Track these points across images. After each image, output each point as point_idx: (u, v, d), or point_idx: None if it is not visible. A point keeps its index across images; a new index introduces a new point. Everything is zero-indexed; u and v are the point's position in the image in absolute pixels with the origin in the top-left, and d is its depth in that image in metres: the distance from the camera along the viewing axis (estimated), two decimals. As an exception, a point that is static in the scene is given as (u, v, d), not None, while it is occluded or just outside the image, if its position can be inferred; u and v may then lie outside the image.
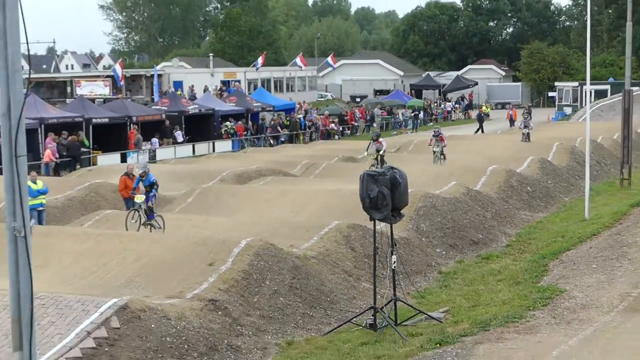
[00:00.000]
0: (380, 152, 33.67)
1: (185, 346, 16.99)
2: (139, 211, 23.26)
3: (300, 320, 19.38)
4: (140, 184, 23.66)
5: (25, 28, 7.30)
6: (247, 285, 19.49)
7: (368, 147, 34.95)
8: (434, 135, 40.73)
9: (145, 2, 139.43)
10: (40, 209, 27.65)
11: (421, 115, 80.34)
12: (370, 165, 32.47)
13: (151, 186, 23.39)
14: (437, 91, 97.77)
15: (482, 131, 62.90)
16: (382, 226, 18.63)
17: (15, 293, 7.37)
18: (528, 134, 49.20)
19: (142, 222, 23.35)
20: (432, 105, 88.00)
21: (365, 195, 18.42)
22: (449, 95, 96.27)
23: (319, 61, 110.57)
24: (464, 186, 30.58)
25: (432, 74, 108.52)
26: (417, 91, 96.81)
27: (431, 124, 78.51)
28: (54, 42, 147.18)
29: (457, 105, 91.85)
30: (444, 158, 38.85)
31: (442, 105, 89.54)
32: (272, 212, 28.10)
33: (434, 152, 39.73)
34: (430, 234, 25.80)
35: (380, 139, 34.85)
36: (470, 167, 35.47)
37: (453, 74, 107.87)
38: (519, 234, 28.45)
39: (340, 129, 69.49)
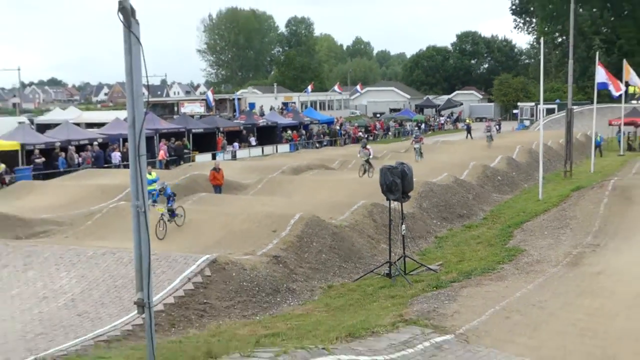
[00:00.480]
0: (369, 157, 31.84)
1: (256, 288, 17.25)
2: (163, 220, 21.99)
3: (337, 270, 19.59)
4: (159, 199, 22.48)
5: (145, 66, 7.52)
6: (299, 245, 19.73)
7: (359, 152, 33.07)
8: (414, 138, 41.47)
9: (229, 47, 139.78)
10: (156, 191, 28.00)
11: (422, 126, 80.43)
12: (360, 165, 31.88)
13: (169, 197, 22.60)
14: (434, 109, 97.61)
15: (471, 137, 62.51)
16: (395, 204, 18.76)
17: (138, 251, 7.61)
18: (490, 136, 49.10)
19: (167, 226, 22.09)
20: (430, 119, 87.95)
21: (383, 182, 18.62)
22: (443, 112, 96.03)
23: (350, 88, 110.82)
24: (453, 176, 30.65)
25: (430, 97, 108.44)
26: (419, 109, 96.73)
27: (430, 132, 78.33)
28: (165, 76, 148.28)
29: (447, 119, 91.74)
30: (421, 155, 38.26)
31: (437, 119, 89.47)
32: (318, 194, 28.28)
33: (415, 148, 39.61)
34: (429, 210, 25.91)
35: (368, 147, 32.82)
36: (457, 163, 35.47)
37: (445, 97, 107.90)
38: (492, 210, 28.49)
39: (365, 136, 69.45)
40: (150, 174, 28.29)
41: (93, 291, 16.95)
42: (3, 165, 41.10)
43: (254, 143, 58.66)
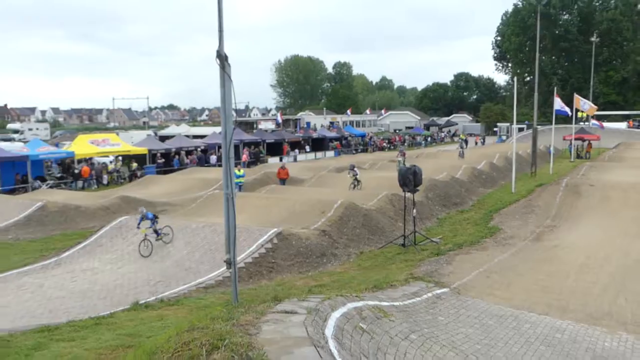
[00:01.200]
0: (357, 176, 29.08)
1: (309, 252, 17.30)
2: (147, 239, 17.92)
3: (366, 241, 19.52)
4: (143, 222, 18.30)
5: (234, 95, 7.58)
6: (340, 223, 19.71)
7: (349, 172, 29.64)
8: (399, 151, 39.02)
9: (292, 83, 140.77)
10: (240, 184, 28.28)
11: (429, 139, 79.82)
12: (350, 184, 28.84)
13: (152, 219, 18.34)
14: (437, 127, 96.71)
15: (466, 147, 61.81)
16: (408, 194, 18.65)
17: (227, 224, 7.66)
18: (462, 152, 46.10)
19: (152, 245, 17.94)
20: (434, 134, 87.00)
21: (400, 178, 18.53)
22: (443, 129, 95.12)
23: (377, 112, 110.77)
24: (450, 175, 30.32)
25: (434, 118, 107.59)
26: (427, 127, 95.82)
27: (434, 144, 77.56)
28: (247, 102, 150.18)
29: (447, 135, 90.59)
30: (358, 183, 34.92)
31: (439, 135, 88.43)
32: (353, 192, 28.23)
33: (398, 160, 35.80)
34: (433, 199, 25.67)
35: (355, 169, 29.66)
36: (453, 166, 35.02)
37: (445, 118, 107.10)
38: (478, 200, 28.11)
39: (388, 146, 69.08)
40: (238, 170, 28.74)
41: (195, 253, 17.21)
42: (136, 164, 41.89)
43: (309, 150, 58.80)
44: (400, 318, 9.05)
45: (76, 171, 37.91)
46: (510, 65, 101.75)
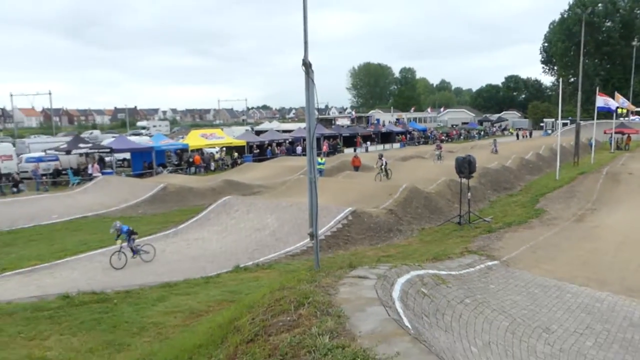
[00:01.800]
0: (383, 166, 26.59)
1: (378, 228, 17.21)
2: (122, 252, 14.57)
3: (427, 219, 19.20)
4: (121, 236, 14.70)
5: (316, 97, 7.61)
6: (405, 203, 19.47)
7: (377, 163, 26.97)
8: (436, 145, 35.52)
9: (364, 85, 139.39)
10: (321, 170, 28.40)
11: (482, 133, 77.04)
12: (376, 174, 26.64)
13: (129, 234, 14.89)
14: (489, 123, 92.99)
15: (518, 138, 59.29)
16: (464, 180, 18.16)
17: (310, 204, 7.73)
18: (495, 149, 40.72)
19: (126, 258, 14.58)
20: (487, 129, 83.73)
21: (456, 166, 18.08)
22: (494, 125, 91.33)
23: (437, 110, 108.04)
24: (501, 164, 29.24)
25: (487, 115, 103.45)
26: (480, 122, 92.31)
27: (487, 137, 74.70)
28: (327, 102, 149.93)
29: (498, 129, 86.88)
30: (440, 159, 31.89)
31: (491, 129, 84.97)
32: (416, 173, 27.69)
33: (436, 154, 33.61)
34: (485, 184, 24.86)
35: (383, 158, 27.20)
36: (503, 156, 33.73)
37: (496, 115, 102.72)
38: (526, 185, 26.93)
39: (446, 139, 67.38)
40: (320, 159, 28.92)
41: (284, 226, 17.48)
42: (236, 154, 42.97)
43: (378, 142, 58.27)
44: (456, 285, 8.86)
45: (190, 159, 39.36)
46: (556, 68, 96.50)
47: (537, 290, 10.08)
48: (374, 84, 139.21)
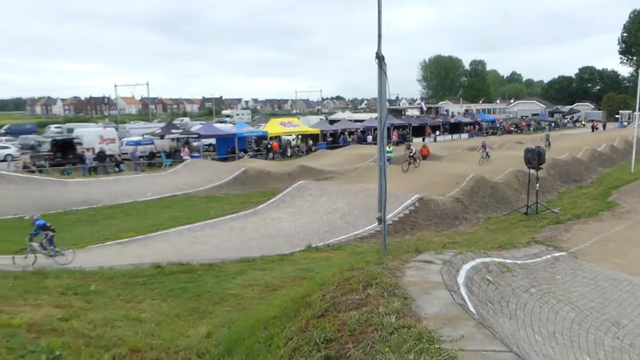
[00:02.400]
0: (411, 154, 24.51)
1: (444, 215, 16.81)
2: (32, 250, 11.65)
3: (494, 208, 18.50)
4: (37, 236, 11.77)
5: (388, 88, 7.48)
6: (471, 192, 18.85)
7: (405, 150, 24.84)
8: (481, 145, 31.37)
9: (434, 77, 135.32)
10: (390, 158, 27.94)
11: (552, 125, 72.77)
12: (404, 161, 24.54)
13: (44, 228, 11.91)
14: (561, 114, 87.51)
15: (593, 130, 55.54)
16: (532, 171, 17.28)
17: (379, 189, 7.64)
18: (549, 143, 35.45)
19: (36, 259, 11.60)
20: (558, 121, 78.93)
21: (525, 157, 17.23)
22: (566, 116, 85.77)
23: (507, 101, 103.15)
24: (572, 155, 27.52)
25: (559, 107, 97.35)
26: (551, 114, 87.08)
27: (557, 128, 70.42)
28: (398, 94, 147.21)
29: (569, 121, 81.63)
30: (488, 157, 28.23)
31: (562, 121, 79.98)
32: (485, 164, 26.70)
33: (482, 156, 28.52)
34: (554, 176, 23.54)
35: (411, 147, 25.21)
36: (574, 147, 31.65)
37: (568, 107, 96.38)
38: (597, 178, 25.25)
39: (515, 129, 64.33)
40: (388, 147, 28.53)
41: (354, 210, 17.46)
42: (311, 141, 43.35)
43: (447, 132, 56.60)
44: (522, 274, 8.48)
45: (268, 146, 40.18)
46: (635, 58, 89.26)
47: (607, 283, 9.44)
48: (444, 76, 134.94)
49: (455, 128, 58.50)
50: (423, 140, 48.96)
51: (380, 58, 7.37)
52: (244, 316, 6.70)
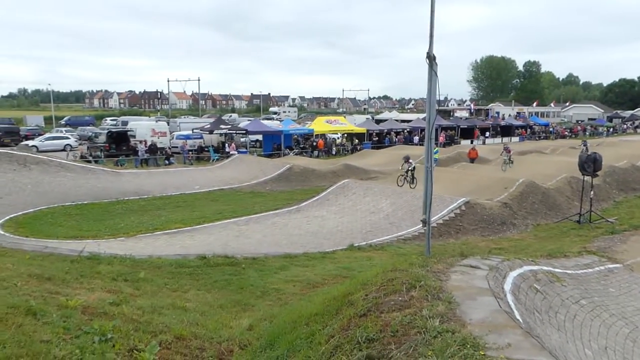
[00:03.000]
0: (410, 169, 20.95)
1: (491, 220, 16.40)
2: None
3: (543, 215, 17.88)
4: None
5: (438, 89, 7.37)
6: (521, 198, 18.29)
7: (402, 166, 21.18)
8: (504, 149, 29.53)
9: (486, 78, 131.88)
10: (436, 160, 27.52)
11: (611, 130, 69.43)
12: (399, 175, 21.17)
13: None
14: (620, 120, 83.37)
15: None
16: (587, 178, 16.58)
17: (425, 192, 7.54)
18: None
19: None
20: (617, 126, 75.25)
21: (580, 163, 16.53)
22: (626, 122, 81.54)
23: (562, 105, 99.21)
24: (630, 163, 26.19)
25: (619, 111, 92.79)
26: (609, 119, 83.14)
27: (615, 134, 67.18)
28: (447, 94, 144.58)
29: (629, 126, 77.62)
30: (512, 163, 27.05)
31: (622, 126, 76.20)
32: (534, 168, 25.79)
33: (504, 160, 27.40)
34: (611, 183, 22.48)
35: (410, 160, 21.50)
36: (634, 155, 30.14)
37: (629, 112, 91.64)
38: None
39: (569, 134, 61.87)
40: (435, 149, 28.08)
41: (398, 212, 17.30)
42: (357, 140, 43.25)
43: (496, 135, 55.03)
44: (572, 285, 8.15)
45: (314, 143, 40.38)
46: None
47: (666, 300, 8.93)
48: (496, 77, 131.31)
49: (505, 131, 56.86)
50: (471, 142, 47.95)
51: (431, 58, 7.26)
52: (285, 311, 6.77)
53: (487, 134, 53.24)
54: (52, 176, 22.24)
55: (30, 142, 37.03)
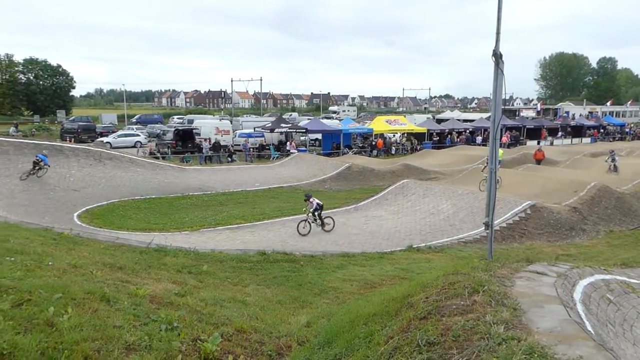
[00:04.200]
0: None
1: (559, 225, 15.63)
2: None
3: (617, 221, 16.82)
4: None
5: (505, 87, 7.13)
6: (592, 202, 17.31)
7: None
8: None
9: (555, 76, 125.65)
10: (500, 161, 26.56)
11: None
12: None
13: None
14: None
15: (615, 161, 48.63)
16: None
17: (488, 194, 7.31)
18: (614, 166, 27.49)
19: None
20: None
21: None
22: None
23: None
24: None
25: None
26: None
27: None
28: (512, 93, 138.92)
29: None
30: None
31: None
32: (609, 175, 24.34)
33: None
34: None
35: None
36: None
37: None
38: None
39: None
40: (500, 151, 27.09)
41: (459, 213, 16.88)
42: (416, 140, 42.57)
43: (566, 136, 52.26)
44: (649, 297, 7.61)
45: (373, 143, 40.14)
46: None
47: None
48: (566, 75, 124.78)
49: (576, 131, 54.01)
50: (538, 143, 45.94)
51: (497, 55, 7.02)
52: (343, 310, 6.77)
53: (560, 133, 50.66)
54: (123, 171, 23.47)
55: (104, 139, 39.26)
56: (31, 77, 73.52)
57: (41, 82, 73.58)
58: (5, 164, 19.92)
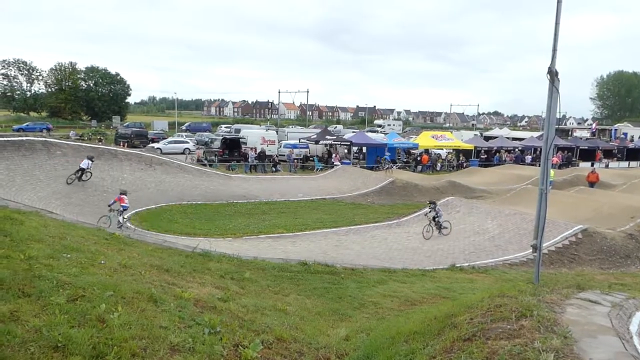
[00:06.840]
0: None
1: (612, 252, 14.92)
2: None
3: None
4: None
5: (559, 106, 6.93)
6: (649, 230, 16.44)
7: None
8: None
9: (612, 96, 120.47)
10: (551, 182, 25.65)
11: None
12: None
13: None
14: None
15: None
16: None
17: (538, 215, 7.09)
18: None
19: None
20: None
21: None
22: None
23: None
24: None
25: None
26: None
27: None
28: (565, 112, 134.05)
29: None
30: None
31: None
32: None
33: None
34: None
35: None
36: None
37: None
38: None
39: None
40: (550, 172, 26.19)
41: (505, 234, 16.42)
42: (463, 157, 41.78)
43: (623, 159, 49.91)
44: None
45: (418, 158, 39.72)
46: None
47: None
48: (625, 95, 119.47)
49: (634, 154, 51.54)
50: (592, 165, 44.14)
51: (552, 73, 6.84)
52: (383, 325, 6.69)
53: (619, 155, 48.39)
54: (172, 176, 24.19)
55: (155, 145, 40.65)
56: (91, 84, 77.35)
57: (100, 89, 77.27)
58: (64, 165, 20.91)
